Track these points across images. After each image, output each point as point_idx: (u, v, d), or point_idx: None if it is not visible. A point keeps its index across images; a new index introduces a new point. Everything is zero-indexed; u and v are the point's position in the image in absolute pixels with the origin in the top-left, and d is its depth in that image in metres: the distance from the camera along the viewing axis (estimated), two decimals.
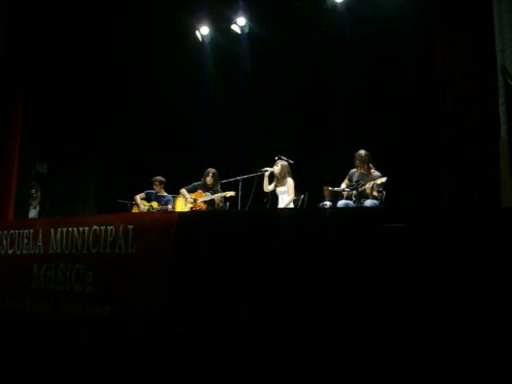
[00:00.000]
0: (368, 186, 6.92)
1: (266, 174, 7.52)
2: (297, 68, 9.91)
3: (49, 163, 10.65)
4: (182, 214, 5.28)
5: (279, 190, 7.50)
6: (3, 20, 8.21)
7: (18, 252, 5.57)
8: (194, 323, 4.19)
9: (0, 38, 8.16)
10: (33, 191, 9.87)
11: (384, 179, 6.84)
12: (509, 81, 5.95)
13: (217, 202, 8.00)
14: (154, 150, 10.98)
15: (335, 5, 9.04)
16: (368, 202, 6.93)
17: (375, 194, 6.93)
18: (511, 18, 6.38)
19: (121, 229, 4.75)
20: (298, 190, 7.68)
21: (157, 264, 4.47)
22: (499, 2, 6.45)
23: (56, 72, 9.76)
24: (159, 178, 9.03)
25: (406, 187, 7.87)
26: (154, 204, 8.88)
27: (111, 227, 4.84)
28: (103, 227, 4.89)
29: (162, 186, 9.04)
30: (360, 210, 5.97)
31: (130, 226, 4.70)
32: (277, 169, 7.51)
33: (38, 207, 9.99)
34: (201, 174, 8.31)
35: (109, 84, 10.91)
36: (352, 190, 7.19)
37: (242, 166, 7.71)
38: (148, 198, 8.95)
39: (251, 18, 9.77)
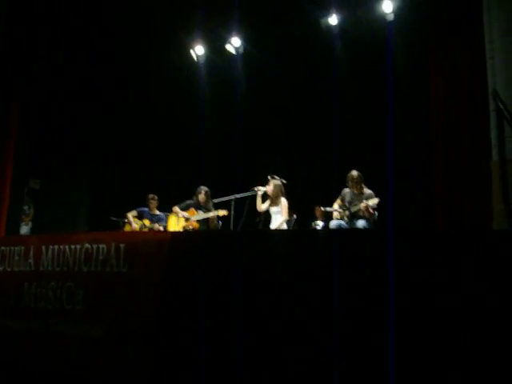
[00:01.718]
0: (362, 205, 6.93)
1: (259, 193, 7.50)
2: (290, 89, 9.98)
3: (42, 179, 10.61)
4: (174, 233, 5.29)
5: (272, 209, 7.50)
6: None
7: (9, 269, 5.55)
8: (186, 343, 4.17)
9: None
10: (25, 207, 9.83)
11: (376, 200, 6.85)
12: (500, 104, 6.02)
13: (211, 220, 7.99)
14: (147, 168, 10.98)
15: (329, 26, 9.13)
16: (360, 223, 6.93)
17: (371, 211, 6.93)
18: (502, 43, 6.46)
19: (113, 247, 4.75)
20: (290, 209, 7.68)
21: (148, 283, 4.46)
22: (491, 26, 6.54)
23: (50, 88, 9.78)
24: (154, 195, 9.04)
25: (398, 209, 7.88)
26: (146, 222, 8.86)
27: (103, 245, 4.83)
28: (95, 245, 4.88)
29: (156, 203, 9.04)
30: (353, 232, 5.99)
31: (122, 245, 4.70)
32: (270, 188, 7.51)
33: (30, 223, 9.94)
34: (193, 192, 8.31)
35: (103, 101, 10.93)
36: (345, 210, 7.19)
37: (235, 185, 7.71)
38: (140, 216, 8.92)
39: (246, 39, 9.85)
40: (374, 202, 6.85)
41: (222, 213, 7.75)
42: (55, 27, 9.20)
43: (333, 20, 9.05)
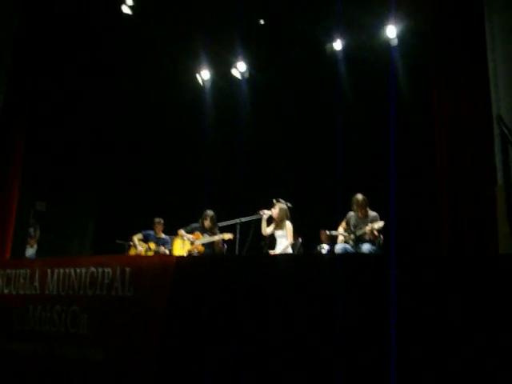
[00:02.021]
0: (368, 228, 6.92)
1: (264, 217, 7.50)
2: (295, 112, 10.06)
3: (48, 202, 10.66)
4: (179, 258, 5.30)
5: (277, 233, 7.49)
6: (8, 65, 8.34)
7: (14, 292, 5.56)
8: (190, 369, 4.15)
9: (4, 82, 8.28)
10: (31, 230, 9.84)
11: (382, 223, 6.85)
12: (504, 129, 6.03)
13: (217, 243, 7.99)
14: (153, 191, 11.03)
15: (333, 51, 9.23)
16: (366, 247, 6.92)
17: (376, 234, 6.92)
18: (506, 68, 6.51)
19: (118, 271, 4.76)
20: (295, 233, 7.67)
21: (153, 308, 4.46)
22: (494, 51, 6.59)
23: (57, 112, 9.87)
24: (160, 219, 9.07)
25: (402, 233, 7.87)
26: (152, 245, 8.87)
27: (108, 269, 4.84)
28: (100, 269, 4.90)
29: (162, 227, 9.07)
30: (357, 256, 5.98)
31: (128, 269, 4.71)
32: (275, 212, 7.51)
33: (35, 246, 9.95)
34: (199, 215, 8.32)
35: (109, 125, 11.03)
36: (350, 234, 7.19)
37: (240, 208, 7.73)
38: (145, 239, 8.94)
39: (251, 63, 9.95)
40: (379, 225, 6.85)
41: (228, 236, 7.75)
42: (63, 52, 9.32)
43: (337, 45, 9.14)
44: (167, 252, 8.65)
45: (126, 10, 8.92)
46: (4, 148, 8.51)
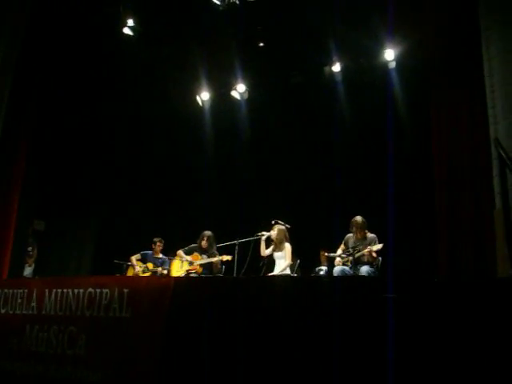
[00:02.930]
0: (366, 250, 6.93)
1: (263, 238, 7.51)
2: (295, 134, 10.12)
3: (47, 221, 10.65)
4: (177, 279, 5.29)
5: (276, 254, 7.49)
6: (8, 83, 8.39)
7: (11, 312, 5.54)
8: None
9: (5, 100, 8.32)
10: (29, 249, 9.82)
11: (380, 246, 6.87)
12: (502, 153, 6.06)
13: (215, 264, 7.98)
14: (152, 212, 11.05)
15: (332, 74, 9.30)
16: (364, 269, 6.92)
17: (374, 255, 6.92)
18: (503, 92, 6.56)
19: (116, 292, 4.75)
20: (294, 254, 7.67)
21: (151, 329, 4.45)
22: (491, 77, 6.65)
23: (57, 132, 9.92)
24: (160, 239, 9.08)
25: (401, 255, 7.88)
26: (150, 265, 8.86)
27: (106, 290, 4.84)
28: (98, 290, 4.89)
29: (161, 247, 9.07)
30: (355, 279, 5.97)
31: (126, 290, 4.71)
32: (274, 233, 7.52)
33: (33, 265, 9.92)
34: (197, 237, 8.32)
35: (109, 146, 11.07)
36: (348, 255, 7.19)
37: (238, 229, 7.74)
38: (143, 260, 8.94)
39: (251, 85, 10.03)
40: (377, 247, 6.87)
41: (226, 258, 7.74)
42: (63, 72, 9.39)
43: (336, 67, 9.22)
44: (165, 272, 8.63)
45: (126, 31, 8.99)
46: (3, 167, 8.52)
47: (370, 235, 7.20)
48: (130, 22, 8.95)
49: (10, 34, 8.38)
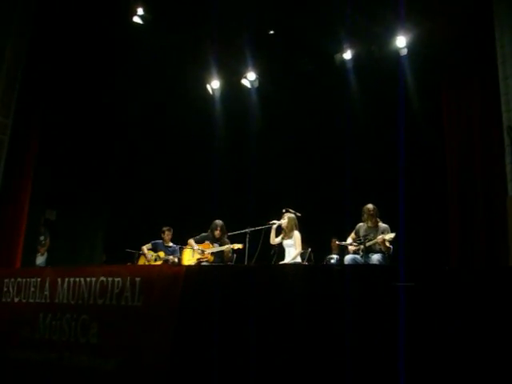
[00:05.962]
0: (379, 238, 6.90)
1: (274, 226, 7.51)
2: (306, 122, 10.08)
3: (58, 210, 10.71)
4: (189, 267, 5.31)
5: (286, 242, 7.49)
6: (19, 72, 8.41)
7: (24, 300, 5.58)
8: (200, 378, 4.15)
9: (16, 90, 8.35)
10: (41, 238, 9.89)
11: (393, 235, 6.83)
12: None
13: (226, 253, 7.99)
14: (164, 200, 11.08)
15: (343, 61, 9.24)
16: (375, 258, 6.90)
17: (387, 244, 6.88)
18: None
19: (128, 281, 4.77)
20: (305, 242, 7.67)
21: (163, 317, 4.47)
22: (504, 64, 6.59)
23: (68, 121, 9.94)
24: (169, 227, 9.12)
25: (412, 245, 7.86)
26: (161, 254, 8.91)
27: (118, 279, 4.86)
28: (110, 279, 4.91)
29: (171, 235, 9.11)
30: (368, 267, 5.96)
31: (138, 279, 4.73)
32: (284, 221, 7.52)
33: (45, 254, 9.99)
34: (209, 225, 8.33)
35: (119, 135, 11.10)
36: (359, 244, 7.17)
37: (249, 218, 7.74)
38: (154, 249, 8.99)
39: (261, 73, 9.99)
40: (390, 236, 6.83)
41: (237, 246, 7.75)
42: (74, 62, 9.39)
43: (347, 55, 9.16)
44: (176, 261, 8.66)
45: (136, 19, 8.97)
46: (15, 156, 8.55)
47: (382, 225, 7.16)
48: (140, 11, 8.94)
49: (20, 22, 8.41)
